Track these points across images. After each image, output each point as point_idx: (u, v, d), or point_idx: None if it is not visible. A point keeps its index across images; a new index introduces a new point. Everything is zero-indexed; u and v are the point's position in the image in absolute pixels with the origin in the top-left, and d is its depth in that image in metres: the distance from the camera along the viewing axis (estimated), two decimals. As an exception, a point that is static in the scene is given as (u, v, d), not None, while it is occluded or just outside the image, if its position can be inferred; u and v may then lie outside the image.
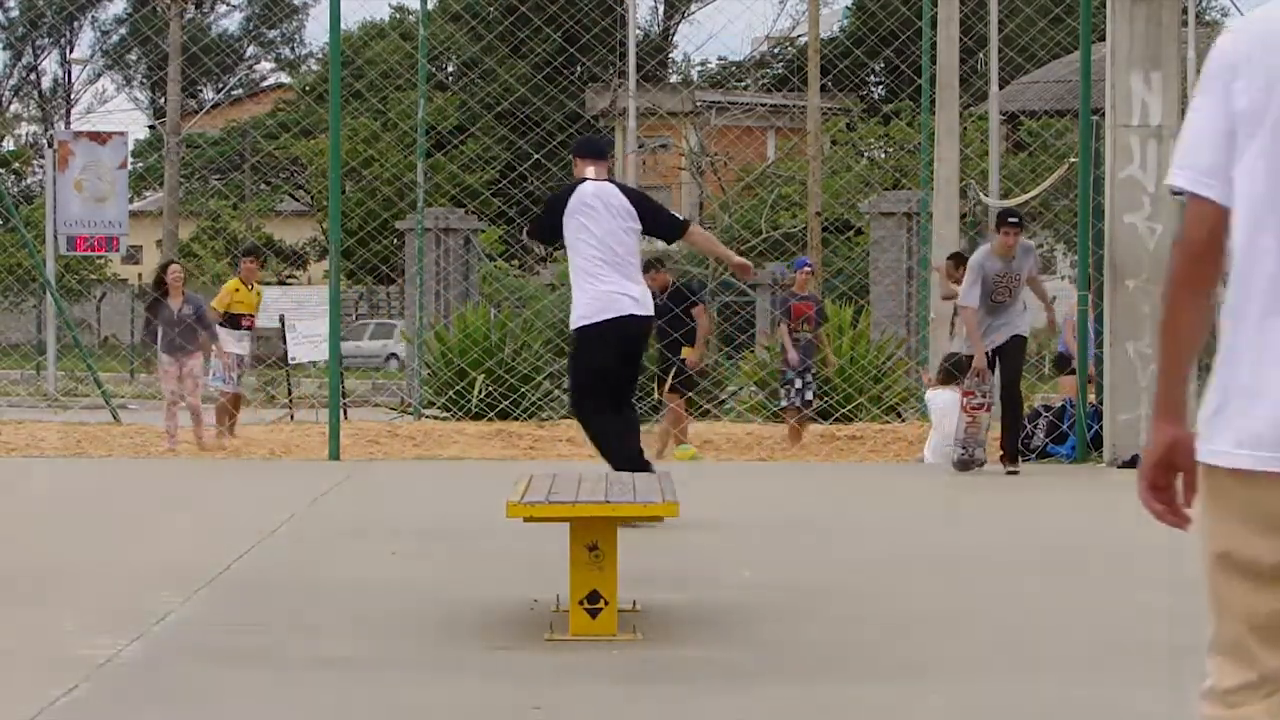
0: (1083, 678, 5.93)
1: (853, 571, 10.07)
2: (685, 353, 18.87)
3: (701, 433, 21.96)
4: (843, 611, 8.63)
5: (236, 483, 15.14)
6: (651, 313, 11.63)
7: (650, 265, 19.73)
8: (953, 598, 9.06)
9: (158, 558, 10.27)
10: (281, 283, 46.45)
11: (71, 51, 66.74)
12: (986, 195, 26.26)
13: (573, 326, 11.55)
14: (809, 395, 20.42)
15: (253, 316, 21.10)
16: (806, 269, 21.44)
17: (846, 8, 47.00)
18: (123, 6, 63.78)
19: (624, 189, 11.95)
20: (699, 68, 54.85)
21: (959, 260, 20.79)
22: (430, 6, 40.43)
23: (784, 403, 20.56)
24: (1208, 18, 49.32)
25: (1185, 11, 25.60)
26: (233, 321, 20.28)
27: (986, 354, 15.61)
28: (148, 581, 9.32)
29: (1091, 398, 17.69)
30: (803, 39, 43.10)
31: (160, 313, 19.13)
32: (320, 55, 61.27)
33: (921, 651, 7.62)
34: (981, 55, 33.30)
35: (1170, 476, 3.61)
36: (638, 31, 39.68)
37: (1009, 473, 15.64)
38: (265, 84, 65.95)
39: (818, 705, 6.67)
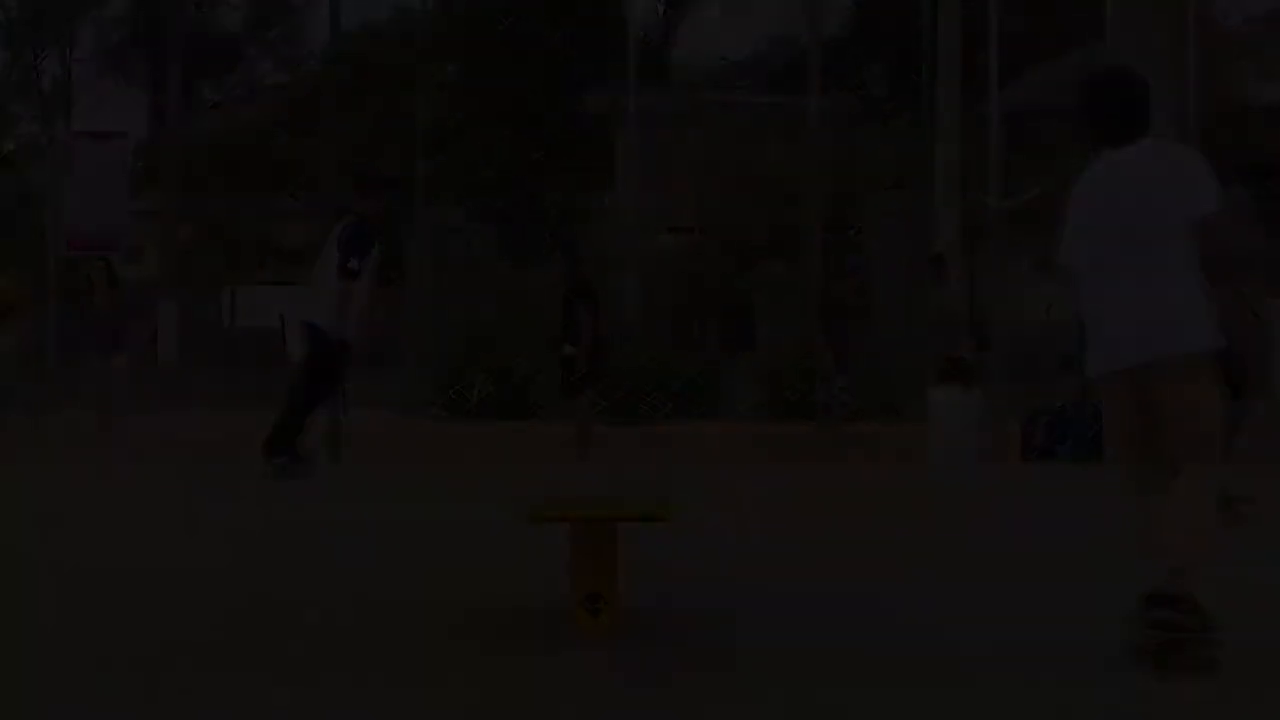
0: (1082, 677, 5.92)
1: (852, 572, 10.06)
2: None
3: (702, 433, 21.98)
4: (843, 611, 8.62)
5: (236, 483, 15.13)
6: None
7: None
8: (953, 598, 9.06)
9: (156, 558, 10.26)
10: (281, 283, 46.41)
11: (72, 51, 66.69)
12: (986, 195, 26.24)
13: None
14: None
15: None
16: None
17: (847, 8, 46.95)
18: (123, 6, 63.72)
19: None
20: (699, 68, 54.73)
21: (939, 261, 20.92)
22: (430, 6, 40.43)
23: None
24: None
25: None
26: None
27: None
28: (147, 582, 9.32)
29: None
30: (802, 39, 43.05)
31: (87, 311, 19.03)
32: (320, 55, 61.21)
33: (922, 651, 7.61)
34: (982, 55, 33.27)
35: None
36: (638, 31, 39.61)
37: None
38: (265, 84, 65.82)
39: (818, 705, 6.66)
